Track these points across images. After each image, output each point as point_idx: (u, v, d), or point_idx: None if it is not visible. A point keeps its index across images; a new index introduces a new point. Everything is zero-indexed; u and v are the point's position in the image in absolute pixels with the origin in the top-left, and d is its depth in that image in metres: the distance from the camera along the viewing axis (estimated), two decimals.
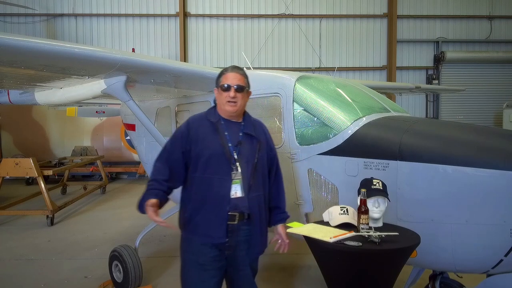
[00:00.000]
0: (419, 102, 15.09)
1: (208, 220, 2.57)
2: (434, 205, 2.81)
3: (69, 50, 3.02)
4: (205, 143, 2.61)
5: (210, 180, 2.57)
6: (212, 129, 2.65)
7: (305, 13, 14.55)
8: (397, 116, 3.70)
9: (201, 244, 2.60)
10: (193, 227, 2.62)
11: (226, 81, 2.63)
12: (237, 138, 2.66)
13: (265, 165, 2.75)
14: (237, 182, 2.57)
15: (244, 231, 2.62)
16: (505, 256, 2.62)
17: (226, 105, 2.62)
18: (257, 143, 2.70)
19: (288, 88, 3.75)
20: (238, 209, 2.56)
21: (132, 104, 3.80)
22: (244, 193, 2.58)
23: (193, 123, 2.71)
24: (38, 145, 12.21)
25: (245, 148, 2.65)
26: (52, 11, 14.12)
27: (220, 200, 2.55)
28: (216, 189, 2.56)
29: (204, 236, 2.59)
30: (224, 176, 2.57)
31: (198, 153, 2.60)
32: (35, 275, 5.06)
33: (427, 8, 14.88)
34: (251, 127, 2.74)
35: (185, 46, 14.24)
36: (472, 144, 2.85)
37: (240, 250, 2.64)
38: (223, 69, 2.76)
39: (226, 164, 2.58)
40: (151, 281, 4.76)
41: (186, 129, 2.67)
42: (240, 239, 2.62)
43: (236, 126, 2.70)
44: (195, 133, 2.64)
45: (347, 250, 2.30)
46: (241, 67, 2.81)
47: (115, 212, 8.46)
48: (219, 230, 2.55)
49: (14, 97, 5.30)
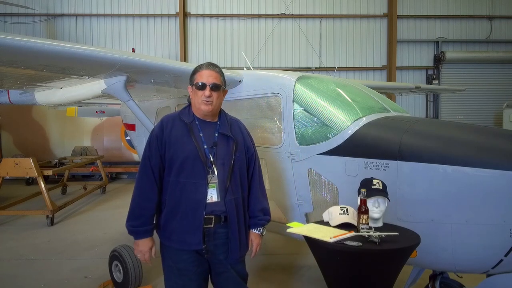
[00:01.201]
0: (419, 102, 15.09)
1: (183, 226, 2.48)
2: (434, 205, 2.81)
3: (69, 50, 3.02)
4: (178, 145, 2.49)
5: (184, 185, 2.46)
6: (186, 130, 2.52)
7: (305, 13, 14.55)
8: (397, 116, 3.70)
9: (178, 250, 2.53)
10: (168, 234, 2.53)
11: (200, 79, 2.51)
12: (213, 139, 2.55)
13: (243, 166, 2.64)
14: (213, 186, 2.48)
15: (221, 234, 2.54)
16: (505, 256, 2.62)
17: (201, 104, 2.50)
18: (233, 143, 2.58)
19: (288, 88, 3.75)
20: (214, 213, 2.48)
21: (132, 104, 3.80)
22: (221, 197, 2.49)
23: (166, 124, 2.57)
24: (38, 145, 12.20)
25: (221, 149, 2.54)
26: (52, 11, 14.12)
27: (196, 206, 2.45)
28: (191, 194, 2.46)
29: (180, 243, 2.51)
30: (200, 180, 2.46)
31: (171, 156, 2.48)
32: (35, 275, 5.06)
33: (427, 8, 14.88)
34: (227, 127, 2.62)
35: (185, 46, 14.24)
36: (472, 144, 2.85)
37: (220, 254, 2.56)
38: (198, 65, 2.62)
39: (201, 167, 2.46)
40: (151, 281, 4.75)
41: (160, 130, 2.55)
42: (218, 242, 2.54)
43: (211, 126, 2.59)
44: (169, 134, 2.52)
45: (347, 250, 2.30)
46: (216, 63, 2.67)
47: (115, 212, 8.46)
48: (195, 236, 2.46)
49: (14, 97, 5.30)
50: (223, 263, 2.59)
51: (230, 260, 2.60)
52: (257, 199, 2.71)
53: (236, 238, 2.56)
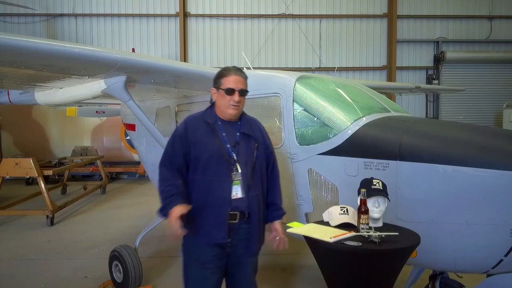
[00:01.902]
0: (419, 102, 15.10)
1: (209, 221, 2.59)
2: (434, 205, 2.81)
3: (69, 50, 3.02)
4: (202, 145, 2.60)
5: (210, 182, 2.59)
6: (209, 130, 2.63)
7: (305, 13, 14.55)
8: (397, 116, 3.70)
9: (203, 243, 2.64)
10: (195, 228, 2.63)
11: (229, 84, 2.60)
12: (234, 138, 2.66)
13: (263, 163, 2.77)
14: (237, 183, 2.60)
15: (244, 230, 2.66)
16: (505, 256, 2.62)
17: (229, 108, 2.62)
18: (254, 142, 2.71)
19: (288, 88, 3.75)
20: (239, 209, 2.60)
21: (132, 104, 3.79)
22: (244, 193, 2.61)
23: (190, 124, 2.68)
24: (38, 145, 12.20)
25: (242, 148, 2.66)
26: (52, 11, 14.13)
27: (222, 202, 2.57)
28: (217, 191, 2.58)
29: (206, 237, 2.62)
30: (224, 177, 2.58)
31: (196, 156, 2.60)
32: (35, 275, 5.06)
33: (427, 8, 14.89)
34: (248, 126, 2.74)
35: (185, 46, 14.24)
36: (472, 144, 2.85)
37: (240, 248, 2.68)
38: (224, 69, 2.71)
39: (226, 165, 2.59)
40: (151, 281, 4.76)
41: (184, 130, 2.65)
42: (240, 237, 2.65)
43: (233, 126, 2.70)
44: (193, 134, 2.63)
45: (347, 250, 2.30)
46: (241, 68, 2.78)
47: (115, 212, 8.46)
48: (221, 230, 2.58)
49: (14, 97, 5.30)
50: (243, 256, 2.71)
51: (250, 253, 2.74)
52: (276, 194, 2.86)
53: (257, 233, 2.70)
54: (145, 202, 9.29)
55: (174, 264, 5.29)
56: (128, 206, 9.00)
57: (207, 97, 4.44)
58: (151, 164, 5.71)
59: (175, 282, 4.79)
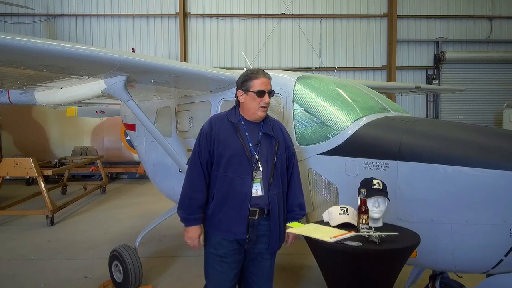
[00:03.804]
0: (419, 102, 15.10)
1: (230, 217, 2.69)
2: (434, 205, 2.81)
3: (69, 50, 3.02)
4: (226, 143, 2.71)
5: (232, 179, 2.68)
6: (233, 129, 2.75)
7: (305, 13, 14.55)
8: (397, 116, 3.69)
9: (222, 238, 2.73)
10: (216, 223, 2.73)
11: (260, 86, 2.71)
12: (257, 138, 2.77)
13: (284, 164, 2.85)
14: (258, 181, 2.70)
15: (264, 226, 2.75)
16: (505, 256, 2.62)
17: (259, 110, 2.74)
18: (275, 142, 2.80)
19: (288, 88, 3.75)
20: (259, 206, 2.70)
21: (132, 104, 3.79)
22: (264, 191, 2.71)
23: (215, 123, 2.80)
24: (38, 145, 12.20)
25: (264, 148, 2.76)
26: (52, 11, 14.13)
27: (242, 198, 2.67)
28: (238, 187, 2.67)
29: (226, 232, 2.71)
30: (246, 175, 2.68)
31: (220, 153, 2.70)
32: (35, 275, 5.06)
33: (427, 8, 14.89)
34: (269, 127, 2.83)
35: (185, 46, 14.24)
36: (472, 144, 2.85)
37: (260, 243, 2.78)
38: (250, 72, 2.80)
39: (248, 163, 2.68)
40: (151, 281, 4.76)
41: (209, 128, 2.77)
42: (260, 233, 2.75)
43: (256, 126, 2.80)
44: (217, 133, 2.74)
45: (347, 250, 2.30)
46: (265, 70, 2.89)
47: (115, 212, 8.47)
48: (240, 226, 2.68)
49: (14, 97, 5.30)
50: (262, 252, 2.81)
51: (270, 250, 2.84)
52: (296, 195, 2.92)
53: (276, 230, 2.78)
54: (145, 202, 9.29)
55: (174, 264, 5.29)
56: (128, 206, 9.00)
57: (207, 97, 4.47)
58: (151, 164, 5.70)
59: (175, 282, 4.79)
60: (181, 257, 5.57)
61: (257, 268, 2.85)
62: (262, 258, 2.84)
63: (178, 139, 4.93)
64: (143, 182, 12.06)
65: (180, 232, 5.97)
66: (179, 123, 5.03)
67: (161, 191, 5.70)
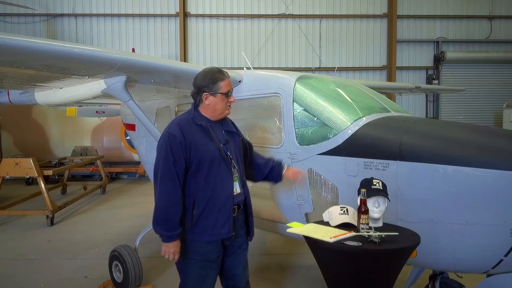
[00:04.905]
0: (419, 102, 15.10)
1: (216, 220, 2.69)
2: (434, 205, 2.81)
3: (69, 50, 3.02)
4: (202, 148, 2.66)
5: (214, 184, 2.68)
6: (204, 133, 2.72)
7: (305, 13, 14.55)
8: (397, 116, 3.69)
9: (207, 243, 2.71)
10: (200, 229, 2.69)
11: (227, 87, 2.76)
12: (223, 137, 2.82)
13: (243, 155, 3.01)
14: (236, 180, 2.79)
15: (240, 221, 2.89)
16: (505, 256, 2.62)
17: (227, 109, 2.81)
18: (238, 137, 2.94)
19: (288, 88, 3.75)
20: (237, 203, 2.80)
21: (132, 104, 3.79)
22: (241, 188, 2.83)
23: (185, 128, 2.68)
24: (38, 145, 12.20)
25: (231, 145, 2.84)
26: (52, 11, 14.12)
27: (225, 200, 2.70)
28: (221, 190, 2.69)
29: (213, 235, 2.71)
30: (226, 176, 2.72)
31: (199, 159, 2.64)
32: (35, 275, 5.06)
33: (427, 8, 14.88)
34: (229, 124, 2.95)
35: (185, 46, 14.24)
36: (472, 144, 2.85)
37: (238, 237, 2.88)
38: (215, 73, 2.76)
39: (225, 165, 2.72)
40: (151, 281, 4.76)
41: (181, 135, 2.64)
42: (238, 228, 2.86)
43: (218, 126, 2.85)
44: (190, 139, 2.65)
45: (347, 250, 2.30)
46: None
47: (115, 212, 8.46)
48: (226, 226, 2.71)
49: (14, 97, 5.30)
50: (240, 245, 2.92)
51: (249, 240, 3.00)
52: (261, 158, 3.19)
53: (252, 220, 2.98)
54: (145, 202, 9.29)
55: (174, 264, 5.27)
56: (128, 206, 9.00)
57: None
58: (151, 164, 5.65)
59: (175, 282, 4.76)
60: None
61: (236, 260, 2.92)
62: (240, 250, 2.93)
63: None
64: (143, 182, 12.06)
65: None
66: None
67: None
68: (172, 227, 2.62)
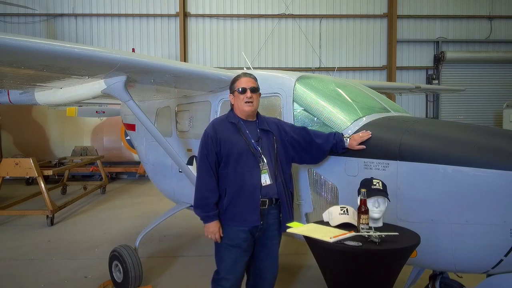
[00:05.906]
0: (419, 102, 15.10)
1: (244, 208, 2.97)
2: (434, 205, 2.80)
3: (69, 50, 3.02)
4: (232, 142, 3.00)
5: (242, 174, 2.97)
6: (235, 129, 3.05)
7: (305, 13, 14.56)
8: (397, 116, 3.69)
9: (237, 229, 3.00)
10: (230, 216, 3.00)
11: (241, 85, 3.05)
12: (256, 134, 3.08)
13: (283, 154, 3.16)
14: (265, 172, 3.01)
15: (273, 215, 3.09)
16: (505, 256, 2.62)
17: (245, 106, 3.03)
18: (272, 136, 3.13)
19: (288, 88, 3.75)
20: (268, 196, 3.01)
21: (132, 104, 3.79)
22: (272, 180, 3.02)
23: (218, 126, 3.08)
24: (38, 145, 12.20)
25: (264, 142, 3.08)
26: (52, 11, 14.13)
27: (253, 189, 2.96)
28: (248, 180, 2.96)
29: (241, 222, 2.99)
30: (254, 168, 2.98)
31: (228, 152, 2.98)
32: (35, 275, 5.06)
33: (427, 8, 14.89)
34: (265, 123, 3.16)
35: (185, 46, 14.24)
36: (472, 144, 2.85)
37: (270, 231, 3.10)
38: (235, 76, 3.17)
39: (253, 158, 2.99)
40: (151, 281, 4.76)
41: (213, 131, 3.03)
42: (270, 222, 3.08)
43: (253, 125, 3.12)
44: (221, 134, 3.02)
45: (347, 250, 2.30)
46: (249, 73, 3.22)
47: (115, 212, 8.46)
48: (254, 215, 2.97)
49: (14, 97, 5.30)
50: (271, 238, 3.14)
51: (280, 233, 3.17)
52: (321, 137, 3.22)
53: (286, 216, 3.09)
54: (145, 202, 9.30)
55: (174, 264, 5.29)
56: (128, 206, 9.00)
57: (207, 97, 4.47)
58: (151, 164, 5.70)
59: (175, 282, 4.79)
60: (181, 257, 5.57)
61: (266, 253, 3.16)
62: (271, 244, 3.15)
63: (178, 139, 4.93)
64: (143, 182, 12.06)
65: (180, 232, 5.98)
66: (179, 123, 5.03)
67: (161, 191, 5.70)
68: (208, 209, 2.98)
